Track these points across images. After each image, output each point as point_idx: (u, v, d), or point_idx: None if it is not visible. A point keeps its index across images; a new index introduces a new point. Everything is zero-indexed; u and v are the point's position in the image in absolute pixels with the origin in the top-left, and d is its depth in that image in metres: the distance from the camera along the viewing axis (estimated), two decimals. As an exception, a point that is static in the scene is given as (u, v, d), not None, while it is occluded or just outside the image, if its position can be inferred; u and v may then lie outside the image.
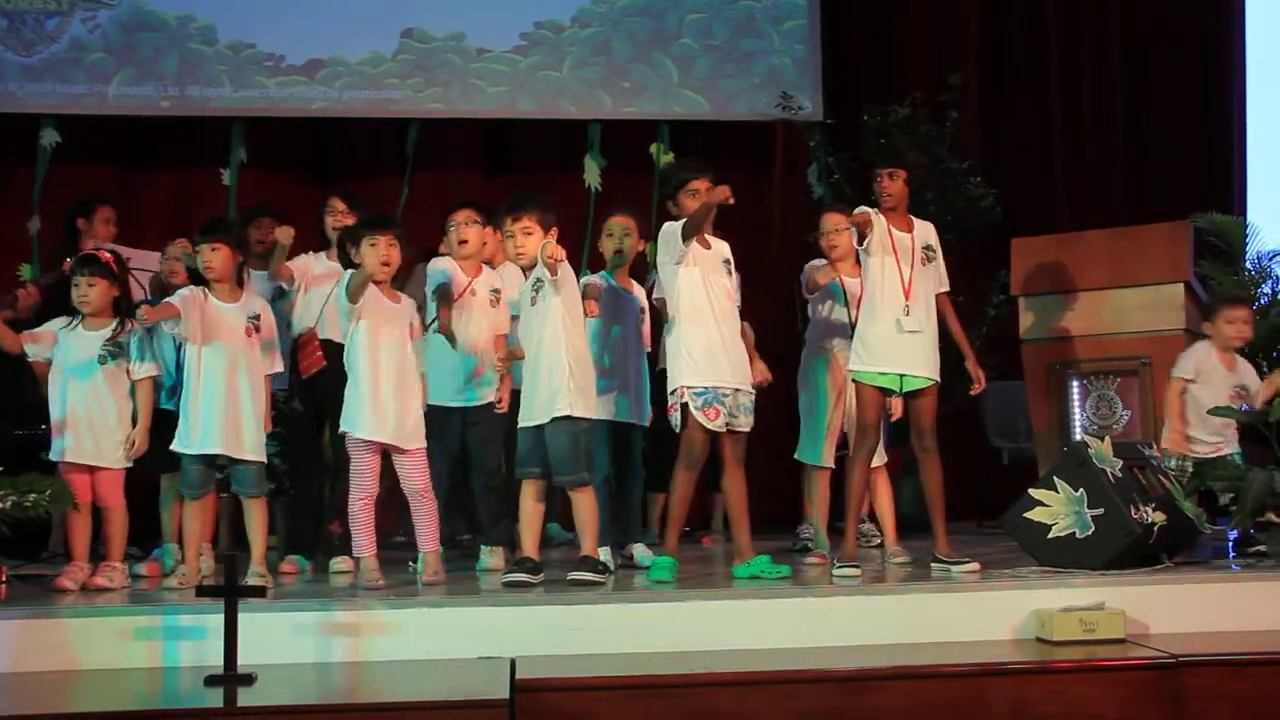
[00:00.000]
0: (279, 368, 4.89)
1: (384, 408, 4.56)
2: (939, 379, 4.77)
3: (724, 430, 4.63)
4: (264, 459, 4.71)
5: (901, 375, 4.71)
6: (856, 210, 4.82)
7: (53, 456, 4.65)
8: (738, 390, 4.66)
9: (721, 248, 4.76)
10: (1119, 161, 8.25)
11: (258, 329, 4.73)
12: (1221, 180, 8.24)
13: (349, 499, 4.59)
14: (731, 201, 4.54)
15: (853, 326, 4.98)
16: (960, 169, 7.30)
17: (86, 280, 4.69)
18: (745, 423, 4.68)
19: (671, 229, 4.69)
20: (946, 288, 4.91)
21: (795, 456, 5.41)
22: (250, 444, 4.64)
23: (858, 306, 4.99)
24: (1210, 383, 5.16)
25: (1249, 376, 5.24)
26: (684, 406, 4.61)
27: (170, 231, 6.04)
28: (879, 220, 4.75)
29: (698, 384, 4.61)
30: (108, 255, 4.84)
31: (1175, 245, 5.62)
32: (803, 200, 7.82)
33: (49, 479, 4.41)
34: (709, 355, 4.62)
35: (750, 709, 3.63)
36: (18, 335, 4.71)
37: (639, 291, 5.32)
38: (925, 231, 4.89)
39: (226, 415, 4.59)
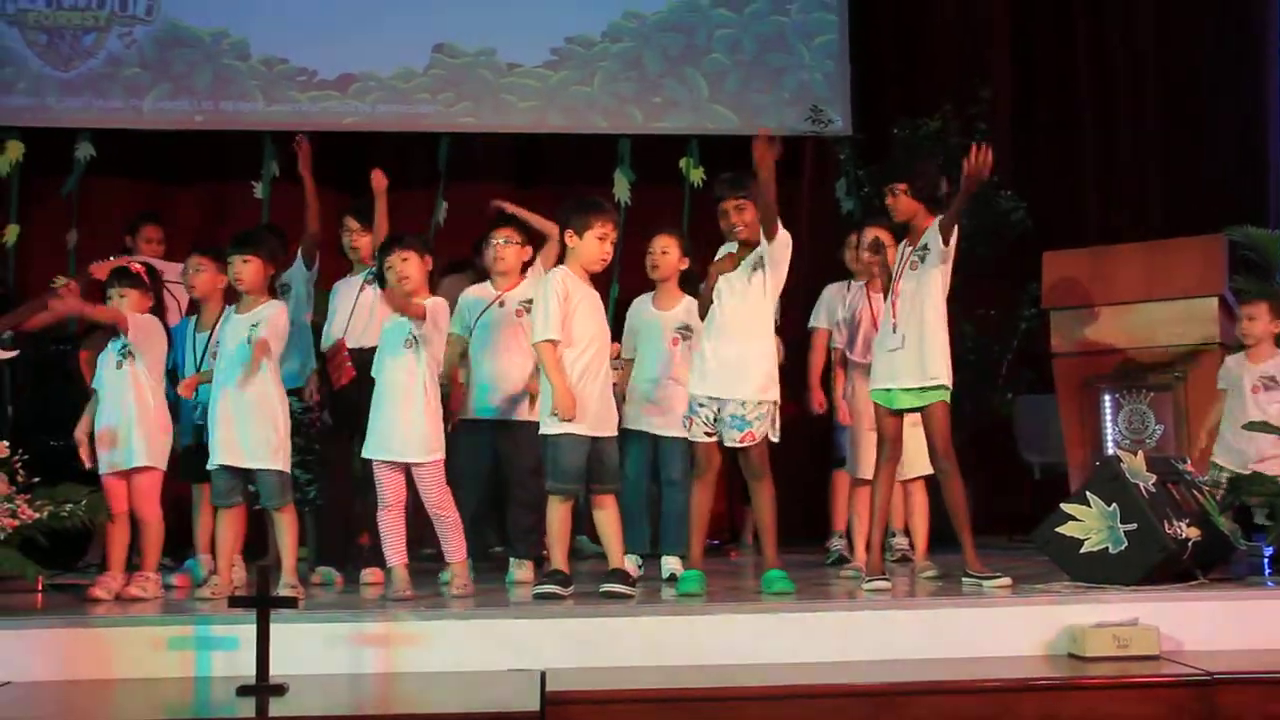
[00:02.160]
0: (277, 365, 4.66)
1: (382, 425, 4.54)
2: (928, 386, 4.57)
3: (704, 440, 4.62)
4: (277, 467, 4.58)
5: (887, 390, 4.68)
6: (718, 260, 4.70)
7: (95, 467, 4.69)
8: (721, 404, 4.58)
9: (754, 255, 4.64)
10: (1151, 175, 8.19)
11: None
12: (1258, 193, 8.16)
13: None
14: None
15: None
16: (990, 182, 7.26)
17: (118, 292, 4.77)
18: (730, 438, 4.59)
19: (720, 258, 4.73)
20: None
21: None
22: (251, 453, 4.54)
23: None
24: (1238, 386, 5.12)
25: None
26: None
27: (202, 245, 6.08)
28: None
29: (690, 394, 4.69)
30: (139, 267, 4.90)
31: (1209, 259, 5.57)
32: (831, 214, 7.81)
33: (85, 489, 4.46)
34: (699, 366, 4.67)
35: (780, 723, 3.62)
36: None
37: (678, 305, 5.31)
38: (927, 234, 4.64)
39: (222, 426, 4.59)
